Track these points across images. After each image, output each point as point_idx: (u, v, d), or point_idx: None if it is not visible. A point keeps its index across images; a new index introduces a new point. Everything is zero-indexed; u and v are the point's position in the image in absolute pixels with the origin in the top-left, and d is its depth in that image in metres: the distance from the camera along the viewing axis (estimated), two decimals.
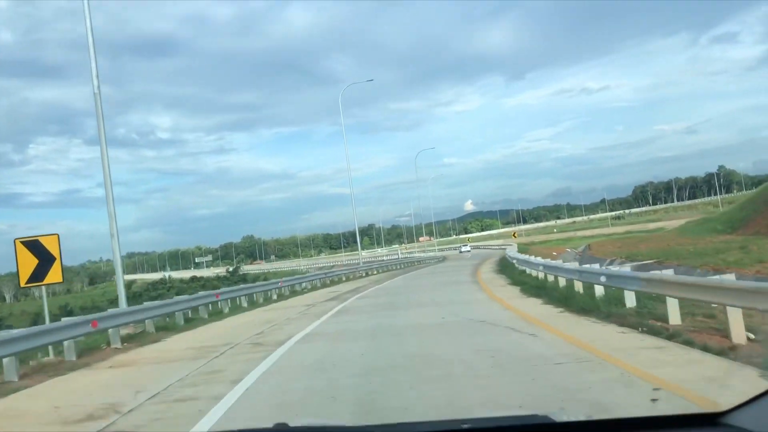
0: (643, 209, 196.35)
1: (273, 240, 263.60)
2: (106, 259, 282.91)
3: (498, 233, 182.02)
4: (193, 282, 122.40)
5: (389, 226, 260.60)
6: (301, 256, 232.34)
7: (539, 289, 17.79)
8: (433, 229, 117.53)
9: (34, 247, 13.95)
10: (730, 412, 2.07)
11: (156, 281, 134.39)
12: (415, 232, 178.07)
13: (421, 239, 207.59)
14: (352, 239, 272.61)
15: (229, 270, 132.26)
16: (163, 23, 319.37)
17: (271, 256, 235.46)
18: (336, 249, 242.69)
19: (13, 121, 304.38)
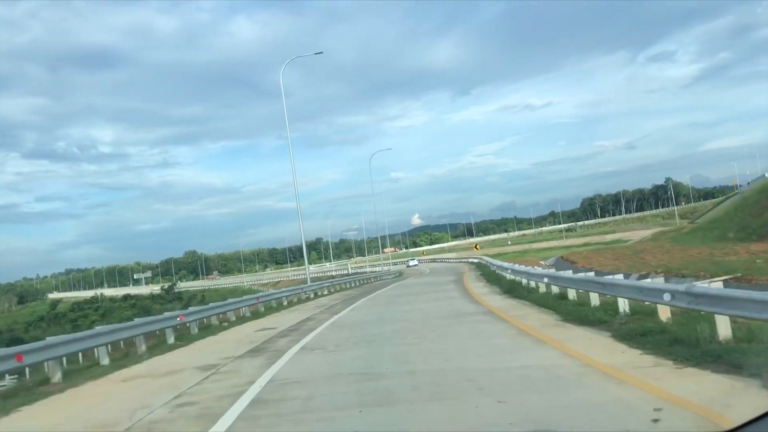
0: (593, 221, 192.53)
1: (216, 255, 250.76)
2: (43, 276, 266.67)
3: (449, 246, 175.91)
4: (125, 301, 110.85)
5: (337, 240, 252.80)
6: (245, 271, 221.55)
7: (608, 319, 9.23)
8: (387, 242, 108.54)
9: None
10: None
11: (85, 300, 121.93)
12: (366, 245, 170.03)
13: (386, 250, 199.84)
14: (299, 254, 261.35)
15: (164, 288, 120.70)
16: (105, 35, 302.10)
17: (214, 272, 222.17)
18: (282, 264, 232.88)
19: None
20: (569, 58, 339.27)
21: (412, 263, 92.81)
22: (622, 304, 11.35)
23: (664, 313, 9.83)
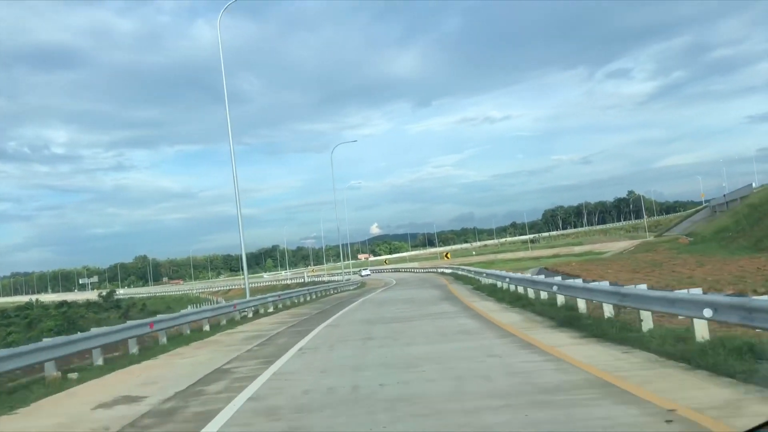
0: (555, 233, 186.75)
1: (168, 261, 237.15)
2: None
3: (410, 256, 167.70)
4: (60, 308, 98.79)
5: (294, 248, 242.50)
6: (196, 278, 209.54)
7: None
8: (349, 250, 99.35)
9: None
10: None
11: (18, 307, 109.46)
12: (324, 254, 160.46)
13: (361, 256, 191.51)
14: (254, 261, 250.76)
15: (102, 295, 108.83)
16: (62, 34, 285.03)
17: (163, 278, 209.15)
18: (236, 271, 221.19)
19: None
20: (529, 72, 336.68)
21: (365, 272, 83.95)
22: None
23: None
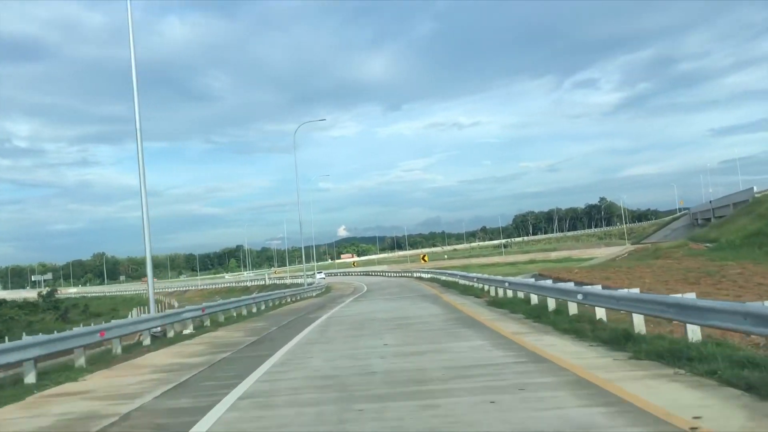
0: (525, 239, 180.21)
1: (127, 259, 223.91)
2: None
3: (378, 258, 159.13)
4: None
5: (259, 249, 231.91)
6: (157, 277, 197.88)
7: None
8: (314, 252, 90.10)
9: None
10: None
11: None
12: (303, 254, 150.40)
13: (343, 256, 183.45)
14: (217, 261, 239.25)
15: (42, 294, 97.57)
16: (27, 25, 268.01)
17: (120, 277, 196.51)
18: (199, 271, 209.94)
19: None
20: (498, 80, 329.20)
21: (319, 275, 74.96)
22: None
23: None
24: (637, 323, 9.85)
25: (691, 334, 8.42)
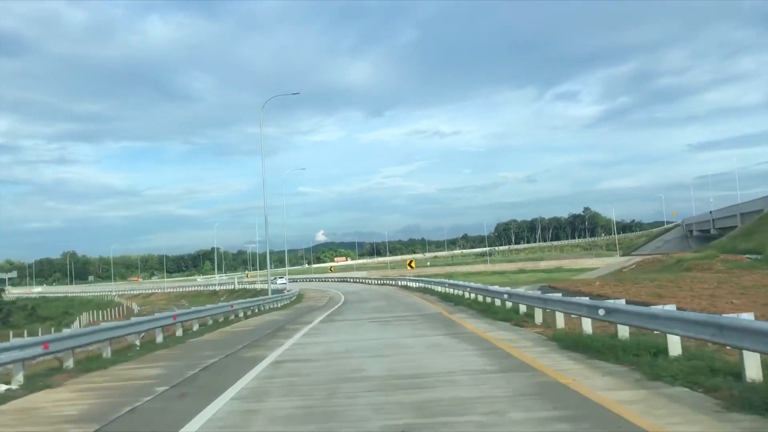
0: (507, 248, 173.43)
1: (98, 258, 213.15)
2: None
3: (357, 264, 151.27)
4: None
5: (235, 252, 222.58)
6: (125, 278, 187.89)
7: None
8: (286, 257, 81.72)
9: None
10: None
11: None
12: (269, 258, 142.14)
13: (337, 259, 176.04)
14: (192, 263, 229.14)
15: None
16: (5, 20, 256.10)
17: (89, 277, 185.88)
18: (171, 273, 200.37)
19: None
20: (480, 89, 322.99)
21: (280, 281, 67.12)
22: None
23: None
24: None
25: None
